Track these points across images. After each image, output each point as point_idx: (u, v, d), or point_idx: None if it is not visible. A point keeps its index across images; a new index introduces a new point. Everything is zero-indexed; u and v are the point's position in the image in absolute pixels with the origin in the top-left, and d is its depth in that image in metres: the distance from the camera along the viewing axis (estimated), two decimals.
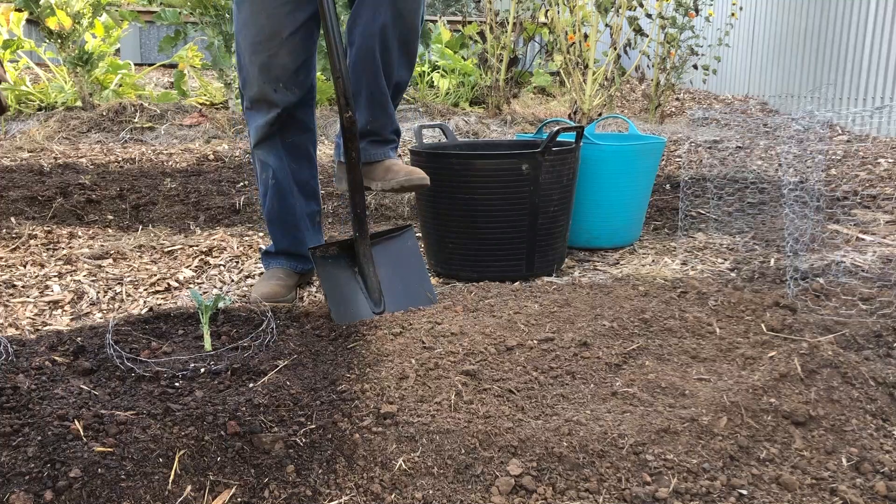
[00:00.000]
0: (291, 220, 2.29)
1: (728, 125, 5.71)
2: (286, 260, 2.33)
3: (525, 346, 1.69)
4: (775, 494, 1.25)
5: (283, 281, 2.28)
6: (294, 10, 2.06)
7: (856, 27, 5.64)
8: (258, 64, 2.09)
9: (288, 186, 2.25)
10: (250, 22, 2.07)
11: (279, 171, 2.23)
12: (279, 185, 2.24)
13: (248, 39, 2.09)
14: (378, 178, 2.09)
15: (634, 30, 6.01)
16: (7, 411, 1.31)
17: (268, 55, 2.07)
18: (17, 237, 3.00)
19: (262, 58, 2.08)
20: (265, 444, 1.30)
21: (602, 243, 2.89)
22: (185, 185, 3.86)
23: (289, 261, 2.33)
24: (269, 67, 2.08)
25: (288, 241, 2.31)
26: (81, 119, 5.79)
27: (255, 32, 2.07)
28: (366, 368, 1.55)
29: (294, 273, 2.33)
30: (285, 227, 2.30)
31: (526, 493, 1.25)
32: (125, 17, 6.53)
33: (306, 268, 2.36)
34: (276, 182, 2.23)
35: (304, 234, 2.32)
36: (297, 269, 2.34)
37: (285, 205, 2.27)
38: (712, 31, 6.93)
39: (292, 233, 2.31)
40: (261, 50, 2.07)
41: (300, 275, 2.36)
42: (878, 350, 1.73)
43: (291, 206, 2.27)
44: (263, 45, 2.07)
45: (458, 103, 7.25)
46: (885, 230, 2.93)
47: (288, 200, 2.27)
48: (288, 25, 2.06)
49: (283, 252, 2.33)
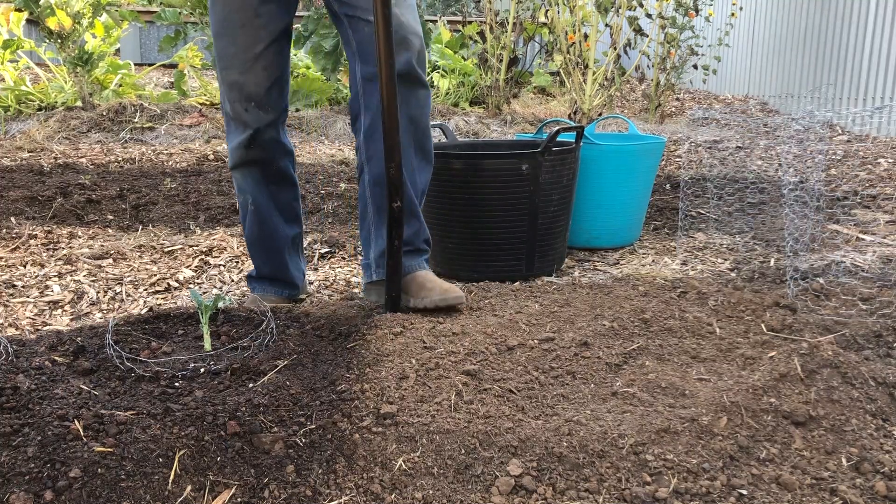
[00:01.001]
0: (272, 244, 2.20)
1: (728, 125, 5.71)
2: (271, 285, 2.26)
3: (526, 345, 1.69)
4: (775, 494, 1.25)
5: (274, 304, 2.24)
6: (268, 23, 1.96)
7: (856, 27, 5.64)
8: (229, 81, 1.99)
9: (268, 211, 2.16)
10: (222, 33, 1.97)
11: (258, 195, 2.13)
12: (259, 210, 2.14)
13: (219, 52, 1.99)
14: (412, 293, 1.97)
15: (634, 30, 6.01)
16: (7, 411, 1.31)
17: (239, 72, 1.97)
18: (17, 237, 3.00)
19: (233, 74, 1.98)
20: (265, 444, 1.30)
21: (602, 243, 2.89)
22: (185, 185, 3.86)
23: (273, 286, 2.26)
24: (242, 85, 1.98)
25: (270, 266, 2.23)
26: (81, 119, 5.80)
27: (226, 44, 1.97)
28: (365, 368, 1.55)
29: (284, 299, 2.26)
30: (267, 252, 2.21)
31: (526, 493, 1.25)
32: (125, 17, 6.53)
33: (294, 294, 2.28)
34: (255, 208, 2.14)
35: (286, 259, 2.24)
36: (284, 294, 2.26)
37: (266, 230, 2.17)
38: (712, 31, 6.93)
39: (275, 257, 2.22)
40: (233, 65, 1.97)
41: (289, 300, 2.28)
42: (878, 350, 1.73)
43: (272, 230, 2.18)
44: (236, 59, 1.97)
45: (458, 103, 7.25)
46: (885, 230, 2.93)
47: (268, 225, 2.17)
48: (263, 38, 1.96)
49: (267, 277, 2.26)
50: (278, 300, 2.23)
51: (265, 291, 2.25)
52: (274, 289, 2.26)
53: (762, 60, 7.03)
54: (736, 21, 6.82)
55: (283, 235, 2.20)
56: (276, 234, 2.19)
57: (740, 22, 7.11)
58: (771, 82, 6.88)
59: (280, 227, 2.19)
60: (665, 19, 5.96)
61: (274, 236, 2.19)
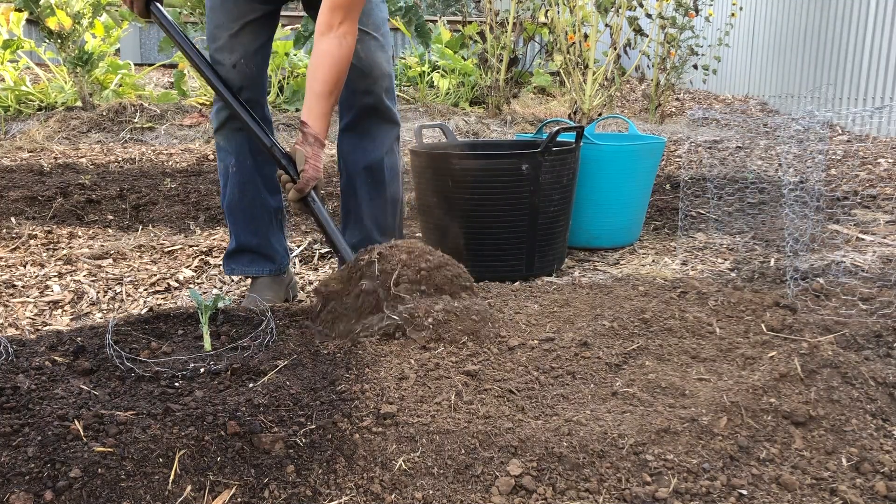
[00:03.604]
0: (254, 212, 2.20)
1: (728, 125, 5.71)
2: (251, 263, 2.23)
3: (526, 345, 1.69)
4: (775, 494, 1.25)
5: (275, 293, 2.23)
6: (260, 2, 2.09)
7: (856, 27, 5.64)
8: (219, 44, 2.10)
9: (251, 176, 2.17)
10: (217, 7, 2.10)
11: (242, 159, 2.16)
12: (241, 172, 2.16)
13: (214, 22, 2.10)
14: None
15: (634, 30, 6.01)
16: (7, 411, 1.31)
17: (229, 34, 2.08)
18: (17, 237, 3.00)
19: (223, 38, 2.09)
20: (265, 444, 1.30)
21: (602, 243, 2.89)
22: (185, 185, 3.86)
23: (254, 263, 2.23)
24: (232, 47, 2.08)
25: (249, 234, 2.21)
26: (81, 119, 5.80)
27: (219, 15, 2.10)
28: (365, 368, 1.55)
29: (277, 280, 2.25)
30: (248, 221, 2.20)
31: (526, 493, 1.25)
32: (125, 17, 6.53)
33: (275, 270, 2.26)
34: (236, 170, 2.16)
35: (267, 229, 2.23)
36: (266, 271, 2.24)
37: (248, 194, 2.18)
38: (712, 31, 6.93)
39: (260, 228, 2.21)
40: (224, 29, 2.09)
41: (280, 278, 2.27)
42: (878, 350, 1.73)
43: (254, 196, 2.19)
44: (226, 26, 2.09)
45: (458, 103, 7.25)
46: (885, 230, 2.93)
47: (250, 189, 2.18)
48: (254, 12, 2.09)
49: (247, 249, 2.22)
50: (274, 288, 2.22)
51: (246, 272, 2.24)
52: (255, 267, 2.23)
53: (762, 60, 7.03)
54: (736, 21, 6.82)
55: (266, 205, 2.21)
56: (258, 200, 2.20)
57: (740, 22, 7.11)
58: (771, 82, 6.88)
59: (263, 195, 2.20)
60: (665, 19, 5.96)
61: (255, 203, 2.19)
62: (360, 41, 2.04)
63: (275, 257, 2.25)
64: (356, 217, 2.24)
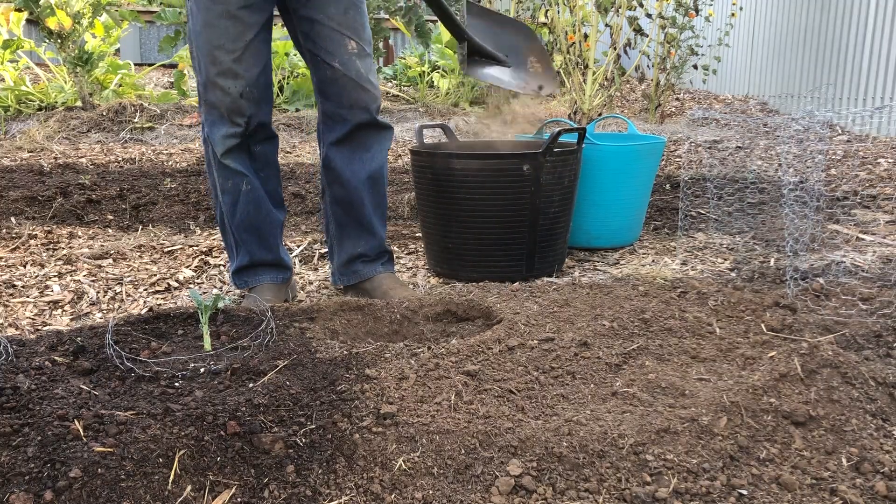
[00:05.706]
0: (268, 228, 2.24)
1: (728, 125, 5.71)
2: (266, 272, 2.26)
3: (526, 345, 1.69)
4: (775, 494, 1.25)
5: (275, 293, 2.24)
6: (255, 12, 2.04)
7: (856, 27, 5.64)
8: (222, 68, 2.03)
9: (262, 195, 2.20)
10: (212, 23, 2.02)
11: (251, 176, 2.17)
12: (254, 192, 2.18)
13: (212, 43, 2.03)
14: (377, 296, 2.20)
15: (634, 30, 6.01)
16: (7, 411, 1.31)
17: (232, 59, 2.02)
18: (17, 237, 3.00)
19: (226, 62, 2.02)
20: (265, 444, 1.30)
21: (602, 243, 2.89)
22: (185, 185, 3.86)
23: (269, 272, 2.27)
24: (236, 72, 2.03)
25: (265, 250, 2.25)
26: (81, 119, 5.80)
27: (218, 35, 2.02)
28: (365, 368, 1.55)
29: (282, 286, 2.28)
30: (263, 237, 2.23)
31: (526, 493, 1.25)
32: (125, 17, 6.53)
33: (287, 277, 2.31)
34: (250, 189, 2.17)
35: (279, 242, 2.29)
36: (279, 280, 2.28)
37: (262, 211, 2.20)
38: (712, 31, 6.93)
39: (271, 242, 2.25)
40: (226, 52, 2.02)
41: (286, 284, 2.31)
42: (878, 350, 1.73)
43: (267, 212, 2.22)
44: (227, 48, 2.02)
45: (458, 103, 7.25)
46: (885, 230, 2.93)
47: (264, 207, 2.21)
48: (252, 27, 2.03)
49: (262, 264, 2.26)
50: (275, 291, 2.24)
51: (261, 280, 2.26)
52: (270, 275, 2.27)
53: (762, 60, 7.03)
54: (736, 21, 6.82)
55: (276, 219, 2.27)
56: (270, 215, 2.24)
57: (740, 22, 7.11)
58: (771, 82, 6.88)
59: (273, 210, 2.26)
60: (665, 19, 5.96)
61: (268, 218, 2.24)
62: (359, 57, 2.10)
63: (287, 265, 2.32)
64: (367, 227, 2.27)
